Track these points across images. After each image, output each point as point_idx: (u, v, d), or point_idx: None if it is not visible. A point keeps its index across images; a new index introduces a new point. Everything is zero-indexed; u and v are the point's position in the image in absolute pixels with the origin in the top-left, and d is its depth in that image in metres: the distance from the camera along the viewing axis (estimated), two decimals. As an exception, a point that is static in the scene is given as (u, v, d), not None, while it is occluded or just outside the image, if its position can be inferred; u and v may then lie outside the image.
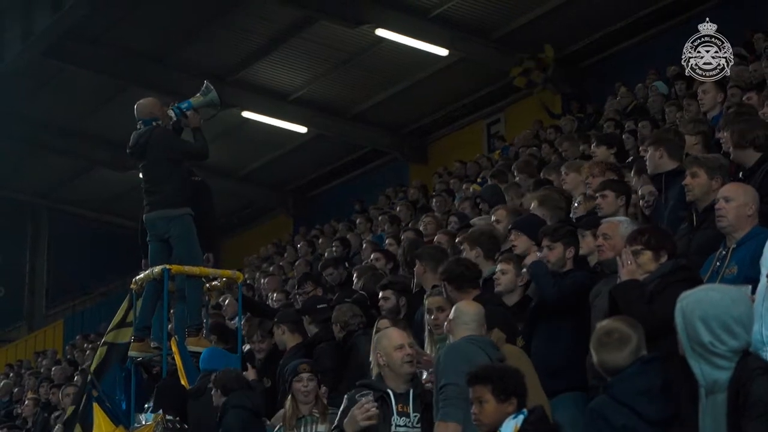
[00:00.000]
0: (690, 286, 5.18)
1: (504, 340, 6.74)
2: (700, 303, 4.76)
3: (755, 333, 5.48)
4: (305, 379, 7.88)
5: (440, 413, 6.14)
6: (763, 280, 5.61)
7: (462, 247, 8.84)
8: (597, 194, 8.45)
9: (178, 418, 9.26)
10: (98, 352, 10.80)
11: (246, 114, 24.65)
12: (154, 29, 22.19)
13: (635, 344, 5.29)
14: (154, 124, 10.35)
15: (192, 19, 21.82)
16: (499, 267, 7.88)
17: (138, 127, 10.48)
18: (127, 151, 10.55)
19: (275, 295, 12.71)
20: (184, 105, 10.51)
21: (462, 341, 6.38)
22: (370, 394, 6.42)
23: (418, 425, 6.46)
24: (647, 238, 6.32)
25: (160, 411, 9.41)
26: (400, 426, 6.45)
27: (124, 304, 10.83)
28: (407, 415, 6.48)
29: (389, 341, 6.69)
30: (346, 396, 6.91)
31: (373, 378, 6.81)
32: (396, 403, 6.48)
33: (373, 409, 6.31)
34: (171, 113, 10.46)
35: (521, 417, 5.46)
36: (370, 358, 7.47)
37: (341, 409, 6.75)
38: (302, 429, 7.81)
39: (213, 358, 9.55)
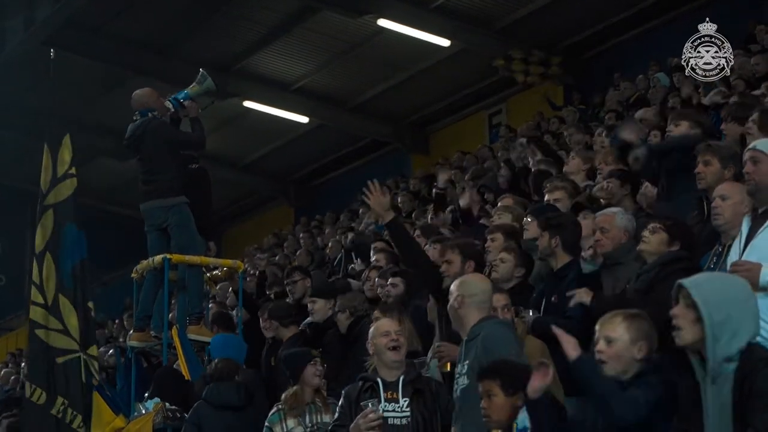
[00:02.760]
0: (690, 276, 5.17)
1: (527, 331, 6.75)
2: (729, 288, 4.80)
3: None
4: (319, 362, 7.86)
5: None
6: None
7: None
8: (604, 180, 8.52)
9: (175, 407, 9.28)
10: (43, 220, 10.16)
11: (247, 104, 24.65)
12: (156, 18, 22.17)
13: None
14: (150, 115, 10.32)
15: (194, 8, 21.80)
16: (499, 255, 7.82)
17: (134, 118, 10.45)
18: (124, 143, 10.52)
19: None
20: (181, 95, 10.48)
21: (501, 325, 6.30)
22: (375, 403, 6.51)
23: (407, 409, 6.55)
24: (671, 224, 6.40)
25: (158, 399, 9.43)
26: (388, 412, 6.56)
27: (46, 159, 10.27)
28: (396, 401, 6.59)
29: (377, 329, 6.86)
30: (343, 392, 6.95)
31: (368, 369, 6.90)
32: (385, 391, 6.61)
33: (379, 419, 6.43)
34: (168, 104, 10.41)
35: None
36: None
37: (340, 404, 6.83)
38: (307, 418, 7.77)
39: (225, 345, 9.51)
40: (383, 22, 21.15)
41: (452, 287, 6.46)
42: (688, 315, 4.74)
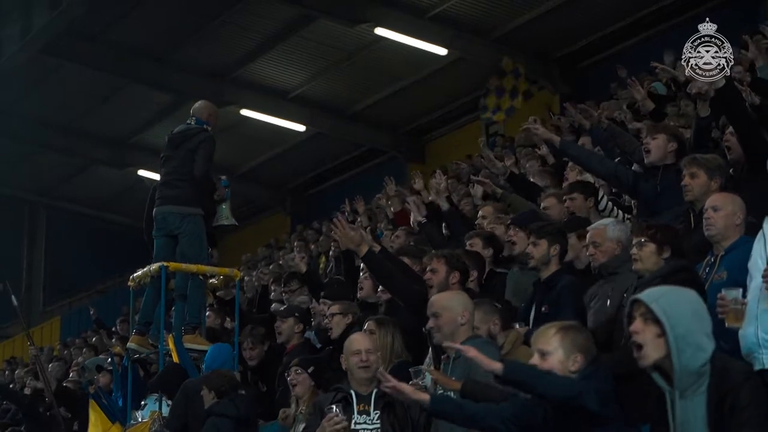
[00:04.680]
0: (691, 288, 5.16)
1: (521, 341, 6.75)
2: (686, 301, 4.80)
3: (750, 335, 5.49)
4: (293, 372, 8.08)
5: None
6: (756, 281, 5.61)
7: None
8: (565, 197, 8.53)
9: None
10: None
11: (244, 112, 24.65)
12: (153, 27, 22.18)
13: None
14: (205, 126, 10.34)
15: (191, 16, 21.81)
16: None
17: (188, 121, 10.45)
18: (167, 136, 10.51)
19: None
20: (228, 192, 10.78)
21: (487, 344, 6.31)
22: (338, 407, 6.57)
23: (378, 422, 6.62)
24: (653, 232, 6.40)
25: (156, 404, 9.47)
26: (359, 423, 6.63)
27: None
28: (368, 414, 6.66)
29: (349, 346, 6.90)
30: (313, 402, 7.02)
31: None
32: (358, 403, 6.68)
33: (343, 422, 6.50)
34: (223, 179, 10.69)
35: None
36: None
37: (309, 412, 6.94)
38: (293, 428, 7.98)
39: (221, 357, 9.49)
40: (380, 31, 21.17)
41: (448, 302, 6.48)
42: (649, 330, 4.71)
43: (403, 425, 6.61)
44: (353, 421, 6.62)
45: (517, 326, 7.11)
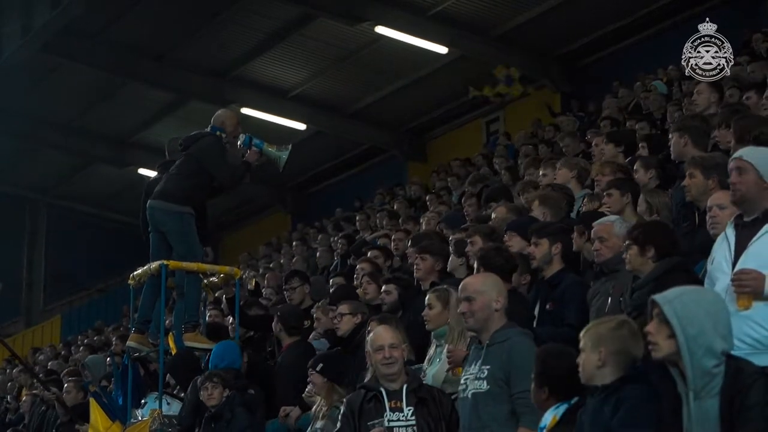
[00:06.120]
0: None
1: None
2: (701, 302, 4.79)
3: None
4: (309, 375, 8.18)
5: (525, 420, 5.96)
6: (722, 283, 5.60)
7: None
8: (603, 192, 8.50)
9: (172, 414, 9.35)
10: None
11: (245, 111, 24.62)
12: (153, 25, 22.18)
13: None
14: (217, 133, 10.33)
15: (191, 15, 21.82)
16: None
17: (207, 128, 10.49)
18: (180, 140, 10.54)
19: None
20: (256, 140, 10.45)
21: (528, 337, 6.27)
22: (383, 423, 6.51)
23: (413, 418, 6.53)
24: (636, 233, 6.37)
25: (155, 403, 9.50)
26: (393, 421, 6.53)
27: None
28: (401, 410, 6.56)
29: (372, 342, 6.82)
30: (345, 401, 6.97)
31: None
32: (389, 400, 6.58)
33: None
34: (241, 137, 10.43)
35: (564, 407, 5.45)
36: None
37: (342, 413, 6.82)
38: (312, 424, 8.02)
39: (229, 355, 9.50)
40: (381, 30, 21.17)
41: (482, 285, 6.34)
42: (662, 331, 4.75)
43: (436, 420, 6.53)
44: (386, 419, 6.54)
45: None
